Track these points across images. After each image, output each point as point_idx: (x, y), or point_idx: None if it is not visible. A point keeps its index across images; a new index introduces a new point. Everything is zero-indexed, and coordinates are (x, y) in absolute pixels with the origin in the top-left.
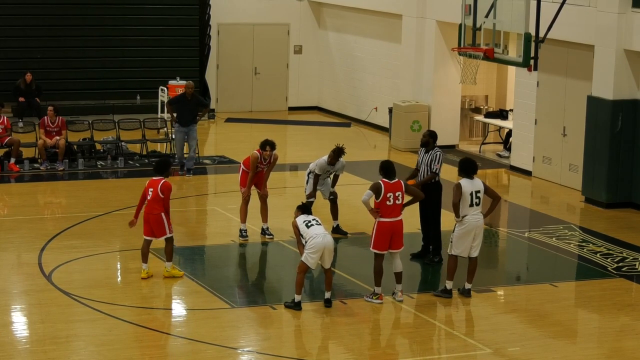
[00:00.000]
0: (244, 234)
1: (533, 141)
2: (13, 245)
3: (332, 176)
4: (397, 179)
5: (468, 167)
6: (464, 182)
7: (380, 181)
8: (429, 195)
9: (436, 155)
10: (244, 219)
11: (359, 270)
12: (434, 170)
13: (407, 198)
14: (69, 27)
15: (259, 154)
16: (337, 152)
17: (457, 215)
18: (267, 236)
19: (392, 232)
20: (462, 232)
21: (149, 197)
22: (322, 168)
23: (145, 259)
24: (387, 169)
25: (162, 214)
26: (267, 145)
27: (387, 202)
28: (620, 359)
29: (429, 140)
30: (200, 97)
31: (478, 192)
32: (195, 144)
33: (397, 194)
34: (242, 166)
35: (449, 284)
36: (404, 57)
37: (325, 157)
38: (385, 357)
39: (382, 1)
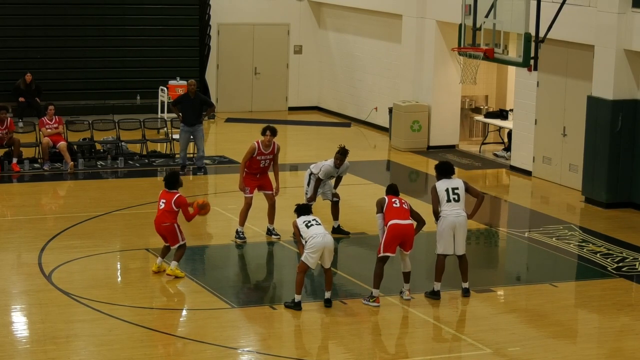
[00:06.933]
0: (241, 235)
1: (533, 141)
2: (13, 245)
3: (334, 178)
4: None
5: (444, 169)
6: (439, 182)
7: (383, 197)
8: None
9: None
10: (242, 222)
11: (360, 270)
12: None
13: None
14: (69, 27)
15: (257, 145)
16: (344, 153)
17: (436, 219)
18: (273, 236)
19: (403, 235)
20: (441, 229)
21: (160, 208)
22: (327, 173)
23: (163, 255)
24: (390, 187)
25: (175, 225)
26: (268, 130)
27: (394, 205)
28: (620, 359)
29: None
30: (205, 97)
31: (455, 188)
32: (203, 144)
33: (401, 200)
34: (245, 169)
35: (436, 286)
36: (403, 57)
37: (330, 162)
38: (385, 357)
39: (382, 1)
